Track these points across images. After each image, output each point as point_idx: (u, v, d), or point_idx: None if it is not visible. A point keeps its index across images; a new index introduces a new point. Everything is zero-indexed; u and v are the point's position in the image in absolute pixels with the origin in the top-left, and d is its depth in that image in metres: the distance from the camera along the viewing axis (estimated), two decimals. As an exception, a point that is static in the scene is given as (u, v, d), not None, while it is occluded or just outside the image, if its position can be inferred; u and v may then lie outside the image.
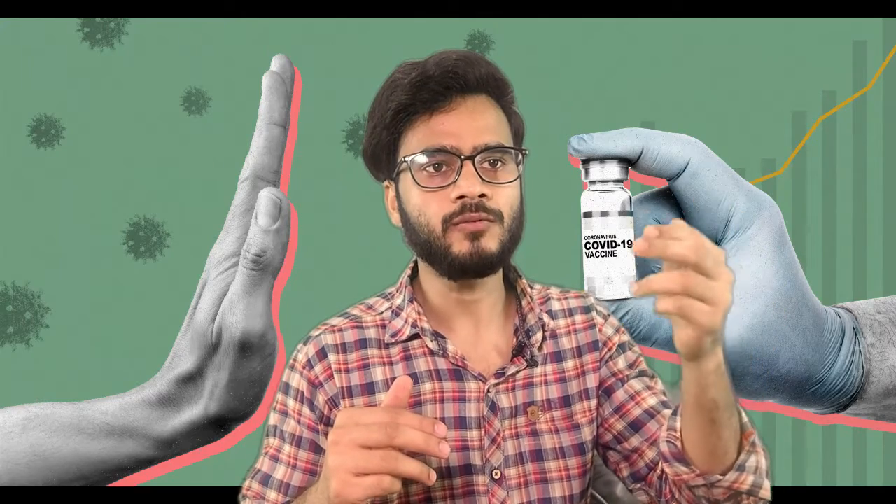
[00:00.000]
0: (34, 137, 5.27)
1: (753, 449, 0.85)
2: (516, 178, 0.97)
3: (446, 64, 0.96)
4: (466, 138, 0.95)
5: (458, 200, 0.94)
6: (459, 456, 0.94)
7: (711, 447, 0.83)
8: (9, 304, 4.77)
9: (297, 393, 0.96)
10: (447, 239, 0.94)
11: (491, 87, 0.99)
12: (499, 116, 0.99)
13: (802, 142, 5.52)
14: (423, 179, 0.95)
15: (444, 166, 0.95)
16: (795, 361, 0.72)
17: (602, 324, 1.03)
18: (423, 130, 0.96)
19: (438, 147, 0.95)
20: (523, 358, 0.98)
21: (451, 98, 0.96)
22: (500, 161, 0.96)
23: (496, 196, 0.94)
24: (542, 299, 1.03)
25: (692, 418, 0.82)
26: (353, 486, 0.79)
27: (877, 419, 0.76)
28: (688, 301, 0.65)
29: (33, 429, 0.62)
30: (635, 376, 1.01)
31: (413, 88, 0.96)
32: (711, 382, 0.75)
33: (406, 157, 0.96)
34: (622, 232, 0.73)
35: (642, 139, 0.71)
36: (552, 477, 0.96)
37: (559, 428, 0.97)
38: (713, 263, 0.65)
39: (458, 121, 0.96)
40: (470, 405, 0.95)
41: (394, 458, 0.79)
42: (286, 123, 0.64)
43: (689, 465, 0.86)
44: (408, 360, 0.97)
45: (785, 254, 0.72)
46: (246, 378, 0.61)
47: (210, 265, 0.63)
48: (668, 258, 0.65)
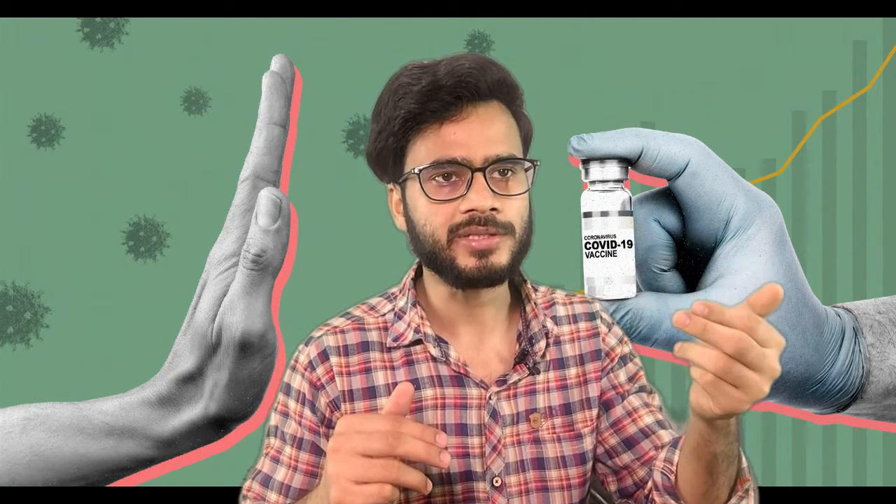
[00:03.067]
0: (34, 137, 5.27)
1: (746, 495, 0.87)
2: (527, 189, 0.95)
3: (459, 72, 0.94)
4: (477, 149, 0.93)
5: (467, 213, 0.92)
6: (460, 462, 0.93)
7: (704, 490, 0.85)
8: (9, 304, 4.77)
9: (299, 394, 0.95)
10: (451, 251, 0.93)
11: (502, 94, 0.97)
12: (509, 123, 0.97)
13: (802, 142, 5.52)
14: (431, 190, 0.93)
15: (453, 176, 0.93)
16: (795, 361, 0.72)
17: (606, 333, 1.02)
18: (433, 140, 0.94)
19: (449, 159, 0.93)
20: (526, 366, 0.97)
21: (461, 107, 0.94)
22: (510, 171, 0.94)
23: (507, 209, 0.93)
24: (546, 303, 1.02)
25: (689, 462, 0.83)
26: (354, 494, 0.79)
27: (877, 419, 0.76)
28: (718, 382, 0.64)
29: (33, 429, 0.62)
30: (635, 391, 1.00)
31: (423, 97, 0.94)
32: (715, 440, 0.77)
33: (415, 168, 0.94)
34: (622, 232, 0.73)
35: (642, 139, 0.71)
36: (553, 486, 0.95)
37: (561, 437, 0.97)
38: (756, 357, 0.62)
39: (468, 130, 0.93)
40: (471, 412, 0.95)
41: (395, 467, 0.79)
42: (286, 123, 0.64)
43: (678, 499, 0.88)
44: (410, 365, 0.96)
45: (785, 254, 0.72)
46: (246, 378, 0.61)
47: (210, 265, 0.63)
48: (705, 340, 0.62)
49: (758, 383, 0.64)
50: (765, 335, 0.62)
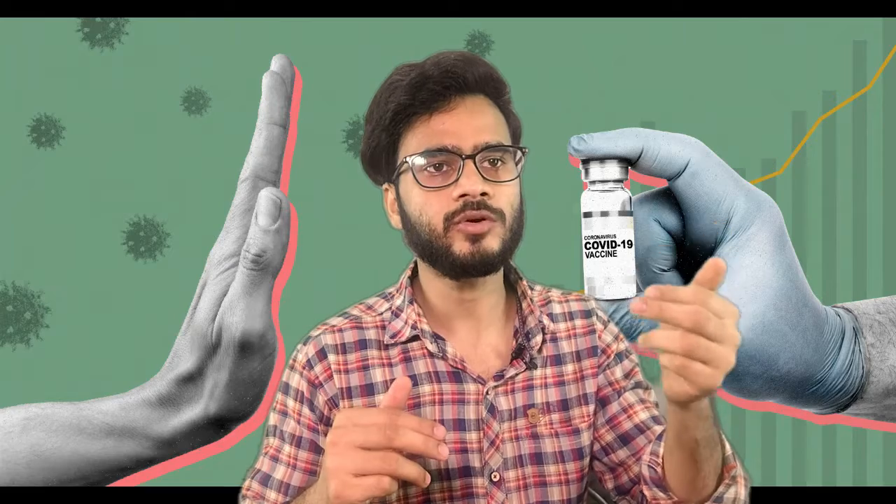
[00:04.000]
0: (34, 137, 5.27)
1: (734, 482, 0.88)
2: (516, 176, 0.97)
3: (445, 64, 0.96)
4: (467, 137, 0.95)
5: (459, 199, 0.93)
6: (458, 458, 0.93)
7: (691, 478, 0.85)
8: (9, 304, 4.78)
9: (297, 393, 0.96)
10: (448, 238, 0.94)
11: (489, 88, 0.99)
12: (497, 116, 0.99)
13: (802, 142, 5.53)
14: (424, 179, 0.95)
15: (444, 166, 0.95)
16: (795, 361, 0.72)
17: (602, 330, 1.02)
18: (423, 131, 0.96)
19: (439, 147, 0.95)
20: (522, 360, 0.98)
21: (450, 98, 0.96)
22: (500, 160, 0.96)
23: (497, 195, 0.94)
24: (542, 301, 1.03)
25: (673, 451, 0.84)
26: (353, 486, 0.79)
27: (877, 419, 0.76)
28: (687, 362, 0.65)
29: (33, 429, 0.62)
30: (630, 388, 1.01)
31: (412, 89, 0.96)
32: (693, 425, 0.78)
33: (406, 157, 0.96)
34: (622, 232, 0.73)
35: (642, 139, 0.71)
36: (551, 481, 0.95)
37: (559, 432, 0.97)
38: (716, 327, 0.64)
39: (457, 120, 0.96)
40: (469, 407, 0.95)
41: (393, 460, 0.79)
42: (286, 123, 0.64)
43: (667, 491, 0.88)
44: (407, 361, 0.96)
45: (785, 254, 0.72)
46: (246, 378, 0.61)
47: (210, 265, 0.63)
48: (664, 320, 0.64)
49: (724, 354, 0.65)
50: (719, 306, 0.64)
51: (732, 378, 0.75)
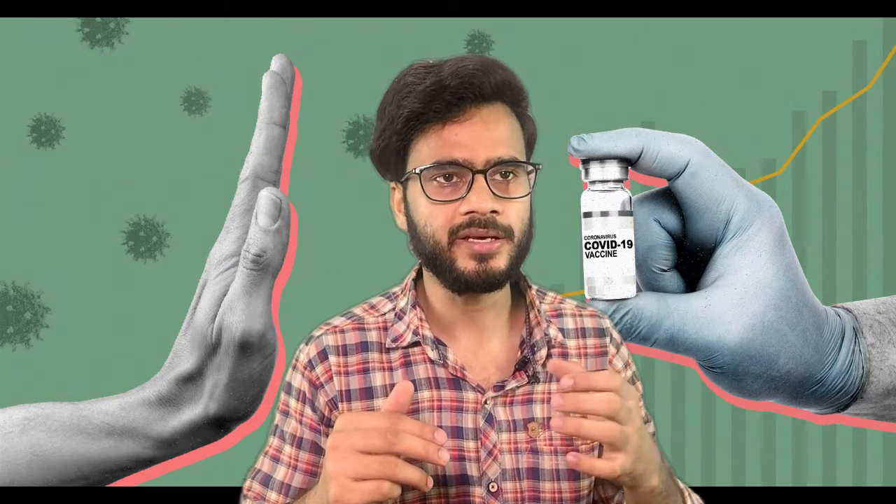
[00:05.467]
0: (34, 137, 5.28)
1: None
2: (528, 192, 0.94)
3: (463, 73, 0.93)
4: (479, 151, 0.92)
5: (467, 214, 0.91)
6: (455, 466, 0.93)
7: None
8: (9, 304, 4.78)
9: (299, 393, 0.95)
10: (452, 252, 0.92)
11: (507, 95, 0.96)
12: (513, 126, 0.96)
13: (802, 142, 5.53)
14: (432, 191, 0.93)
15: (454, 178, 0.93)
16: (795, 361, 0.72)
17: (614, 354, 1.00)
18: (435, 140, 0.93)
19: (450, 160, 0.92)
20: (525, 373, 0.97)
21: (465, 108, 0.93)
22: (512, 173, 0.94)
23: (507, 211, 0.92)
24: (553, 311, 1.01)
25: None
26: (353, 491, 0.79)
27: (877, 419, 0.76)
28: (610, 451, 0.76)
29: (33, 429, 0.62)
30: None
31: (427, 97, 0.93)
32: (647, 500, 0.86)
33: (416, 168, 0.94)
34: (622, 232, 0.73)
35: (642, 139, 0.71)
36: (545, 497, 0.94)
37: (558, 450, 0.96)
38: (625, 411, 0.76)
39: (471, 132, 0.93)
40: (467, 416, 0.94)
41: (393, 464, 0.79)
42: (286, 123, 0.64)
43: None
44: (407, 366, 0.96)
45: (785, 254, 0.72)
46: (246, 378, 0.61)
47: (210, 265, 0.63)
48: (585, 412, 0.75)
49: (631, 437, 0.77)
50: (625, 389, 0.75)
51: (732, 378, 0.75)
